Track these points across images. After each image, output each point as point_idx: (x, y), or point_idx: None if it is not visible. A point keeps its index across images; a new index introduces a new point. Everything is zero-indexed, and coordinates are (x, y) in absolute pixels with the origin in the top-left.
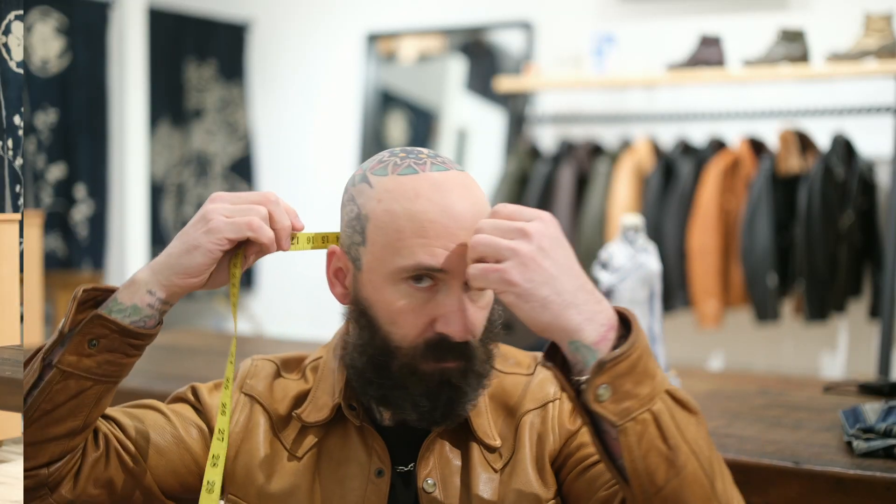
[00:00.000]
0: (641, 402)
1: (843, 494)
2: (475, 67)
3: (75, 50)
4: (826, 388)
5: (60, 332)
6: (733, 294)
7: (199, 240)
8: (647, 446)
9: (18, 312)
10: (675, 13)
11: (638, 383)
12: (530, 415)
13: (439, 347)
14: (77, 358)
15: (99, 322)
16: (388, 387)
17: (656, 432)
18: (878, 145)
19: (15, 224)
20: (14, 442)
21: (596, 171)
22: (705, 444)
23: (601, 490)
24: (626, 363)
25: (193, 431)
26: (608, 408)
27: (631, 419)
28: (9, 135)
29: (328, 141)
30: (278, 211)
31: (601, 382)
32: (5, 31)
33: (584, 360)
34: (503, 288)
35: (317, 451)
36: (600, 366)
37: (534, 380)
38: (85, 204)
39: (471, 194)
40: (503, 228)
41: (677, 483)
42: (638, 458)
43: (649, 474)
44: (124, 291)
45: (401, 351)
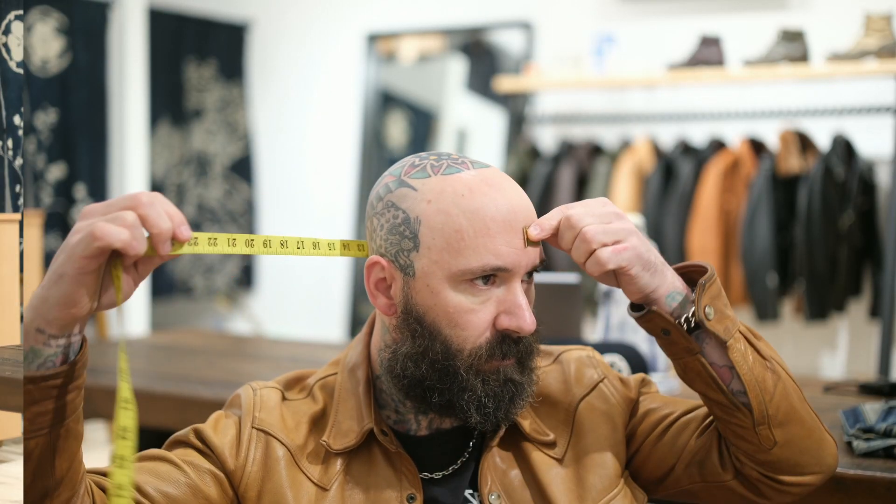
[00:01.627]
0: (733, 322)
1: (843, 494)
2: (475, 67)
3: (75, 50)
4: (826, 388)
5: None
6: (733, 294)
7: (62, 266)
8: (752, 359)
9: (18, 312)
10: (675, 13)
11: (726, 305)
12: (587, 400)
13: (503, 345)
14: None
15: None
16: (455, 391)
17: (751, 347)
18: (878, 145)
19: (15, 224)
20: (14, 442)
21: (596, 171)
22: (780, 358)
23: (692, 440)
24: (715, 286)
25: (208, 479)
26: (716, 327)
27: (732, 336)
28: (9, 135)
29: (328, 141)
30: (152, 213)
31: (705, 303)
32: (5, 31)
33: (678, 305)
34: (634, 262)
35: (342, 478)
36: (702, 287)
37: (567, 368)
38: (85, 204)
39: (518, 188)
40: (598, 214)
41: (782, 387)
42: (748, 370)
43: (761, 383)
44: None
45: (464, 353)
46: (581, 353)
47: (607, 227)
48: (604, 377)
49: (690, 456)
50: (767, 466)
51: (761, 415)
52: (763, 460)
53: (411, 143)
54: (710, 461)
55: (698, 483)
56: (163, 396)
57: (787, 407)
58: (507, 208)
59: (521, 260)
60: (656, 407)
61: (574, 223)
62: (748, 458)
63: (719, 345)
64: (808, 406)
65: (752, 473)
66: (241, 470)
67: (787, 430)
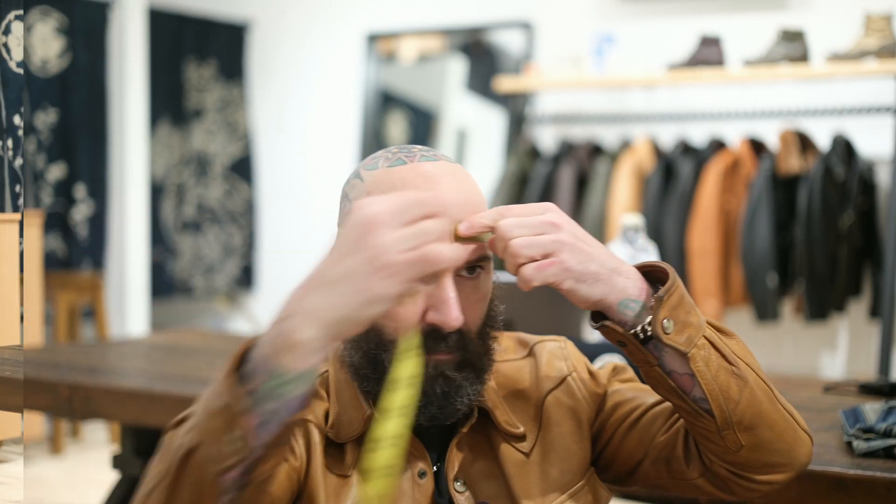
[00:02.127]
0: (697, 329)
1: (843, 494)
2: (475, 67)
3: (75, 50)
4: (826, 388)
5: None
6: (733, 294)
7: (380, 289)
8: (715, 367)
9: (18, 312)
10: (675, 13)
11: (688, 313)
12: (554, 394)
13: (431, 338)
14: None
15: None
16: (384, 381)
17: (716, 353)
18: (878, 145)
19: (15, 224)
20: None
21: (596, 172)
22: (752, 358)
23: (659, 435)
24: (676, 296)
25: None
26: (675, 339)
27: (694, 346)
28: (9, 135)
29: (328, 141)
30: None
31: (663, 316)
32: (5, 31)
33: (633, 313)
34: (563, 277)
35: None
36: (659, 300)
37: (538, 361)
38: (85, 204)
39: (460, 185)
40: (530, 225)
41: (748, 393)
42: (711, 379)
43: (724, 392)
44: (287, 357)
45: (394, 344)
46: (554, 344)
47: (535, 241)
48: (572, 370)
49: (657, 452)
50: (737, 466)
51: (725, 421)
52: (732, 460)
53: (412, 143)
54: (675, 459)
55: (666, 479)
56: (163, 396)
57: (754, 413)
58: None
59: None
60: (626, 399)
61: (503, 234)
62: (717, 458)
63: (680, 355)
64: (781, 407)
65: (721, 471)
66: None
67: (754, 434)
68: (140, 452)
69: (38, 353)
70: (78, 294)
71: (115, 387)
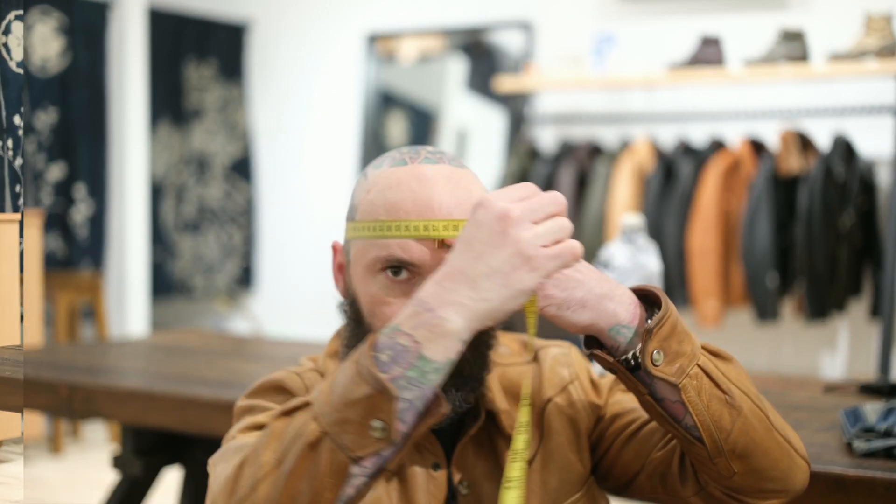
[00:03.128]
0: (689, 358)
1: (843, 494)
2: (475, 67)
3: (75, 50)
4: (826, 388)
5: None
6: (733, 294)
7: (524, 283)
8: (707, 397)
9: (18, 312)
10: (675, 13)
11: (681, 342)
12: (554, 401)
13: None
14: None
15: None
16: None
17: (709, 382)
18: (878, 145)
19: (15, 224)
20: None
21: (596, 172)
22: (749, 384)
23: (655, 451)
24: (668, 326)
25: None
26: (665, 370)
27: (686, 376)
28: (9, 135)
29: (328, 141)
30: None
31: (653, 348)
32: (5, 31)
33: (624, 339)
34: (544, 303)
35: None
36: (648, 332)
37: (543, 366)
38: (85, 204)
39: (456, 189)
40: None
41: (742, 422)
42: (702, 410)
43: (716, 421)
44: (433, 347)
45: None
46: (558, 350)
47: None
48: (574, 378)
49: (652, 467)
50: (731, 490)
51: (716, 450)
52: (726, 485)
53: (411, 143)
54: (670, 476)
55: (661, 494)
56: (163, 396)
57: (748, 441)
58: (425, 205)
59: (433, 259)
60: (626, 410)
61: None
62: (712, 480)
63: (671, 385)
64: (778, 433)
65: (716, 493)
66: None
67: (748, 462)
68: (140, 452)
69: (38, 353)
70: (78, 294)
71: (115, 387)
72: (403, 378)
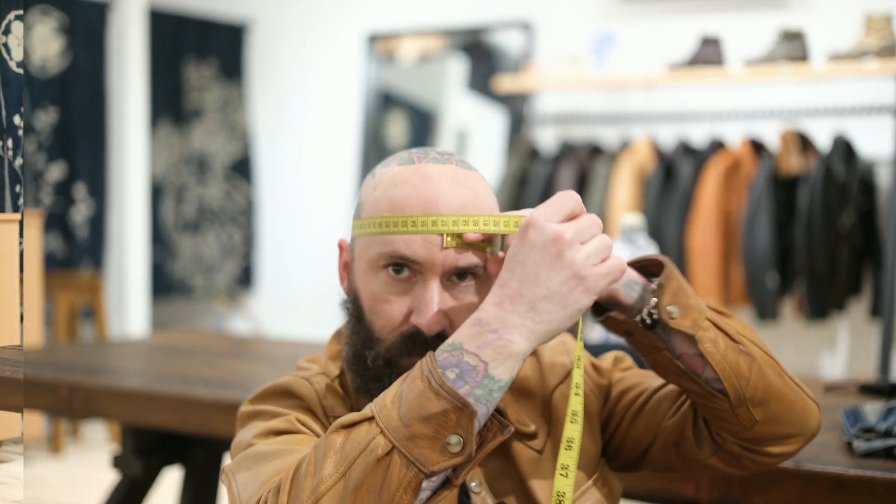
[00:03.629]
0: (700, 312)
1: (843, 494)
2: (475, 67)
3: (75, 50)
4: (826, 388)
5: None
6: (733, 294)
7: (580, 303)
8: (723, 347)
9: (18, 312)
10: (675, 13)
11: (689, 297)
12: (560, 389)
13: (414, 341)
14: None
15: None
16: (367, 378)
17: (721, 333)
18: (878, 145)
19: (15, 224)
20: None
21: (596, 172)
22: (754, 335)
23: (666, 419)
24: (675, 282)
25: None
26: (682, 323)
27: (700, 328)
28: (9, 135)
29: (328, 141)
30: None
31: (668, 303)
32: (5, 31)
33: (637, 294)
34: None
35: None
36: (660, 287)
37: (541, 358)
38: (85, 204)
39: (461, 189)
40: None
41: (758, 368)
42: (721, 359)
43: (735, 369)
44: (500, 368)
45: (380, 342)
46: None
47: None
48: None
49: (665, 436)
50: (751, 441)
51: (738, 399)
52: (746, 437)
53: (411, 143)
54: (685, 441)
55: (676, 461)
56: (163, 396)
57: (765, 386)
58: (430, 203)
59: (436, 257)
60: (631, 385)
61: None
62: (731, 436)
63: (687, 338)
64: (788, 378)
65: (735, 448)
66: None
67: (767, 408)
68: (140, 452)
69: (38, 353)
70: (78, 294)
71: (114, 387)
72: (472, 395)
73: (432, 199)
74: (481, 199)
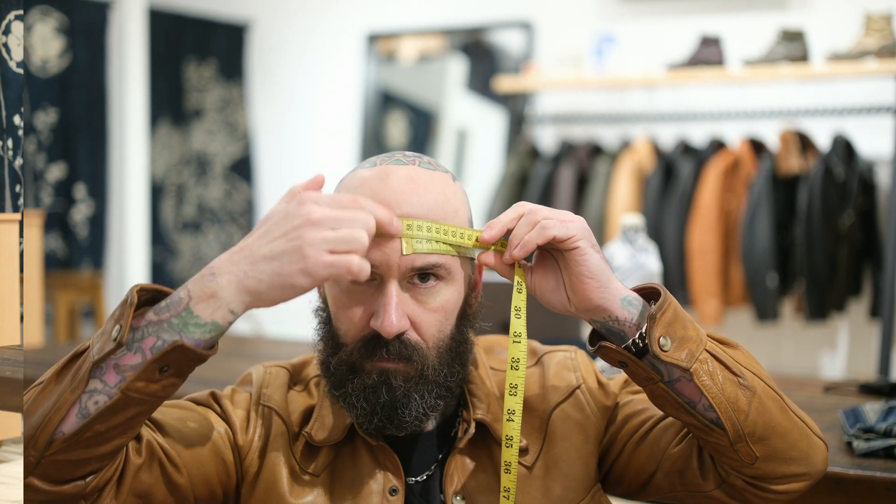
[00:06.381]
0: (697, 343)
1: (843, 494)
2: (475, 67)
3: (75, 50)
4: (826, 388)
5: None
6: (733, 294)
7: (294, 279)
8: (721, 380)
9: (18, 312)
10: (675, 13)
11: (685, 328)
12: (561, 407)
13: (374, 345)
14: (145, 384)
15: (181, 352)
16: (334, 384)
17: (719, 365)
18: (878, 145)
19: (15, 224)
20: (14, 442)
21: (596, 171)
22: (759, 367)
23: (671, 447)
24: (670, 312)
25: (225, 441)
26: (675, 356)
27: (697, 360)
28: (9, 135)
29: (328, 141)
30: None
31: (660, 334)
32: (5, 31)
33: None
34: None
35: (329, 469)
36: (651, 318)
37: (547, 371)
38: (85, 204)
39: (417, 188)
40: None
41: (758, 403)
42: (718, 392)
43: (733, 403)
44: (202, 305)
45: (344, 347)
46: (563, 354)
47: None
48: (581, 382)
49: (669, 464)
50: (754, 477)
51: (737, 434)
52: (748, 473)
53: (411, 143)
54: (689, 471)
55: (680, 491)
56: None
57: (766, 422)
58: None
59: (391, 259)
60: (637, 411)
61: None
62: (734, 470)
63: (683, 371)
64: (793, 414)
65: (738, 483)
66: (248, 446)
67: (768, 444)
68: None
69: (38, 353)
70: (78, 294)
71: None
72: (167, 322)
73: (386, 199)
74: (441, 202)
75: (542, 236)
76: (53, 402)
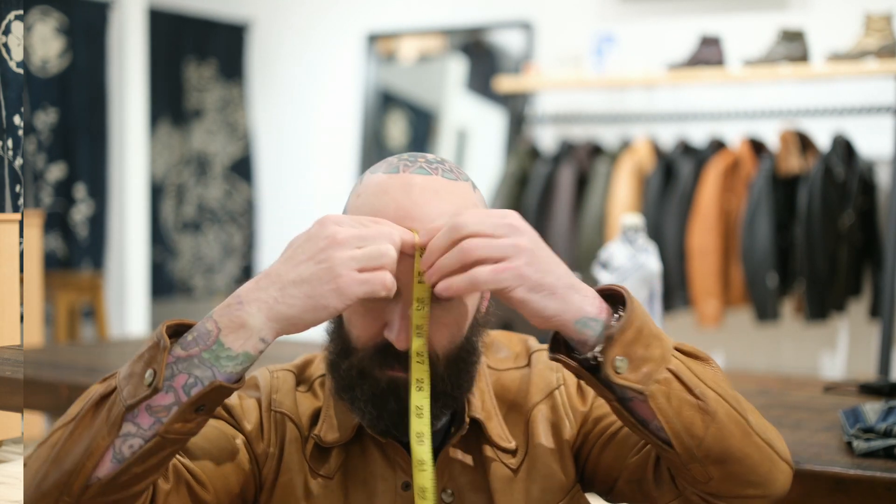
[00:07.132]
0: (658, 363)
1: (843, 494)
2: (475, 67)
3: (75, 50)
4: (826, 388)
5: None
6: (733, 294)
7: (327, 300)
8: (678, 403)
9: (18, 312)
10: (675, 13)
11: (648, 346)
12: (539, 407)
13: (385, 354)
14: (182, 425)
15: (218, 392)
16: (341, 387)
17: (680, 387)
18: (878, 145)
19: (15, 224)
20: (14, 442)
21: (596, 171)
22: (727, 386)
23: (631, 456)
24: (632, 330)
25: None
26: (629, 378)
27: (654, 382)
28: (9, 135)
29: (328, 141)
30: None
31: (615, 354)
32: (5, 31)
33: (592, 333)
34: (517, 283)
35: (343, 471)
36: (609, 339)
37: (532, 371)
38: (85, 204)
39: (441, 202)
40: (490, 224)
41: (716, 428)
42: (672, 416)
43: (687, 428)
44: (232, 336)
45: (355, 353)
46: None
47: (492, 242)
48: (561, 384)
49: (629, 473)
50: (709, 494)
51: (689, 455)
52: (703, 489)
53: (411, 144)
54: (645, 482)
55: (640, 500)
56: None
57: (723, 448)
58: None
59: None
60: (607, 412)
61: (459, 227)
62: (688, 485)
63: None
64: (758, 437)
65: (694, 498)
66: (265, 454)
67: (725, 468)
68: None
69: (38, 353)
70: (78, 294)
71: None
72: (198, 357)
73: (409, 211)
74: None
75: (470, 284)
76: (85, 448)
